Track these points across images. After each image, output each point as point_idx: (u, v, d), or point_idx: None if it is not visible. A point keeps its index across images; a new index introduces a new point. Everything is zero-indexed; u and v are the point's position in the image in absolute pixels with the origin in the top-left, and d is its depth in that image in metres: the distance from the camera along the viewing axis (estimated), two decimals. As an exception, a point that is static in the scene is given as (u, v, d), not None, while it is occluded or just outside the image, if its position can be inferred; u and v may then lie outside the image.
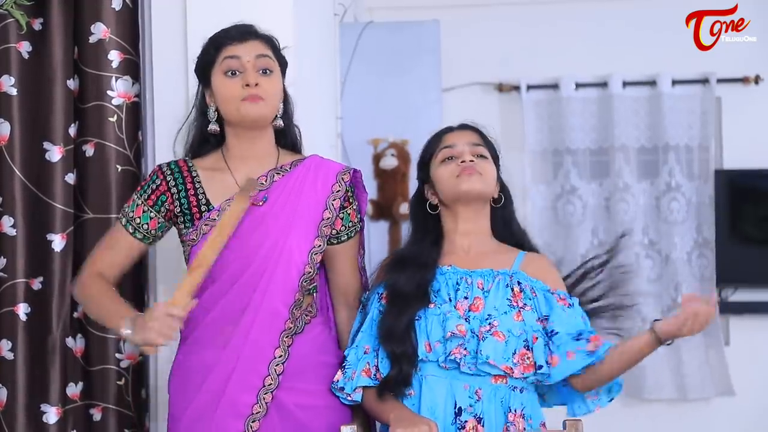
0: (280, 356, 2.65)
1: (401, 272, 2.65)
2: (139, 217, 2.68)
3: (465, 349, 2.55)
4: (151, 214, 2.68)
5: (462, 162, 2.64)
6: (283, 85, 2.71)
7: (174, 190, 2.68)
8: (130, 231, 2.69)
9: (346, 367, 2.67)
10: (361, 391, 2.65)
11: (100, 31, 3.01)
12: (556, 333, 2.57)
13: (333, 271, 2.76)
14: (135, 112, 3.06)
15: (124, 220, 2.69)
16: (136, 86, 3.06)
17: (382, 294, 2.67)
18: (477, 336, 2.55)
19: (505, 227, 2.75)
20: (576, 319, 2.59)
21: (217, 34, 2.69)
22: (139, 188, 2.71)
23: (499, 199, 2.72)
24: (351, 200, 2.75)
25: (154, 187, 2.69)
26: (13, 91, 3.00)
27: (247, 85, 2.61)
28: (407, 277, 2.63)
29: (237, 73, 2.63)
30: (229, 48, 2.64)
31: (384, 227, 5.03)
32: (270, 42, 2.70)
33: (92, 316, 2.74)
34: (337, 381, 2.67)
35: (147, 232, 2.69)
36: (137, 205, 2.69)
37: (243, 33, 2.67)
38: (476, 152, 2.67)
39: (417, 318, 2.60)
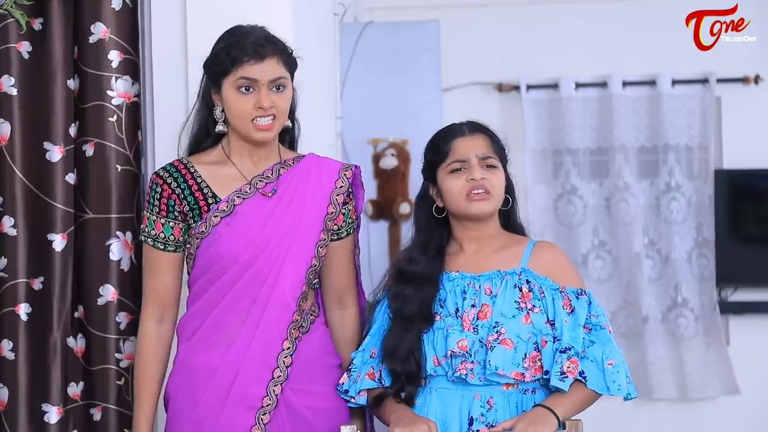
0: (288, 348, 2.66)
1: (404, 290, 2.64)
2: (162, 232, 2.70)
3: (471, 362, 2.55)
4: (171, 223, 2.70)
5: (472, 179, 2.61)
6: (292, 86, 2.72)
7: (178, 191, 2.69)
8: (161, 248, 2.71)
9: (352, 370, 2.68)
10: (365, 395, 2.65)
11: (100, 31, 3.01)
12: (558, 340, 2.56)
13: (329, 269, 2.77)
14: (135, 111, 3.06)
15: (150, 240, 2.71)
16: (136, 86, 3.06)
17: (390, 300, 2.68)
18: (485, 346, 2.54)
19: (507, 222, 2.73)
20: (573, 331, 2.56)
21: (232, 43, 2.65)
22: (146, 204, 2.73)
23: (507, 202, 2.70)
24: (351, 197, 2.76)
25: (158, 196, 2.69)
26: (14, 91, 3.00)
27: (261, 107, 2.62)
28: (410, 297, 2.62)
29: (250, 89, 2.63)
30: (246, 67, 2.62)
31: (384, 227, 5.03)
32: (284, 53, 2.67)
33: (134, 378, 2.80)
34: (343, 384, 2.67)
35: (176, 242, 2.71)
36: (154, 221, 2.70)
37: (259, 48, 2.63)
38: (486, 164, 2.64)
39: (425, 331, 2.60)
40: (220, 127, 2.71)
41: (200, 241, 2.67)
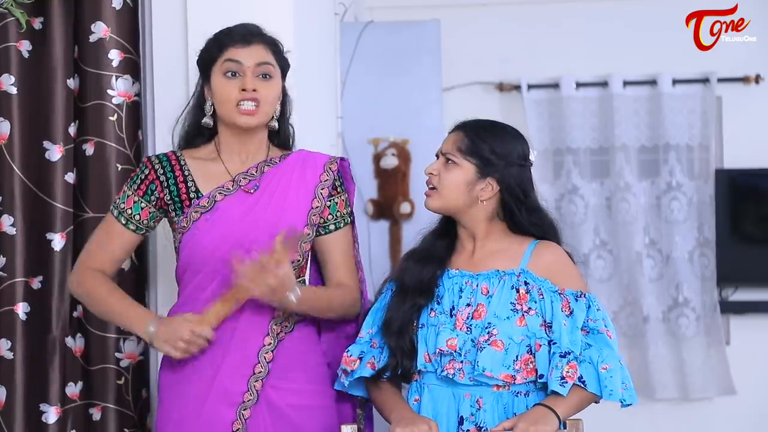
0: (270, 344, 2.66)
1: (408, 265, 2.65)
2: (131, 208, 2.69)
3: (461, 361, 2.54)
4: (142, 204, 2.69)
5: (430, 173, 2.64)
6: (284, 86, 2.72)
7: (162, 178, 2.69)
8: (123, 222, 2.70)
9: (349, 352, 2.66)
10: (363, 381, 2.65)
11: (100, 30, 3.01)
12: (555, 344, 2.55)
13: (327, 266, 2.77)
14: (135, 111, 3.06)
15: (116, 212, 2.70)
16: (136, 85, 3.06)
17: (392, 288, 2.68)
18: (476, 346, 2.54)
19: (512, 220, 2.68)
20: (572, 334, 2.55)
21: (221, 32, 2.70)
22: (129, 180, 2.72)
23: (506, 205, 2.65)
24: (339, 189, 2.76)
25: (143, 176, 2.70)
26: (13, 90, 3.00)
27: (244, 90, 2.62)
28: (412, 271, 2.63)
29: (236, 74, 2.64)
30: (232, 50, 2.65)
31: (384, 227, 5.02)
32: (273, 45, 2.70)
33: (97, 313, 2.74)
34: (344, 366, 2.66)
35: (139, 223, 2.70)
36: (128, 196, 2.70)
37: (247, 35, 2.67)
38: (448, 158, 2.62)
39: (421, 326, 2.59)
40: (206, 120, 2.71)
41: (182, 236, 2.68)
